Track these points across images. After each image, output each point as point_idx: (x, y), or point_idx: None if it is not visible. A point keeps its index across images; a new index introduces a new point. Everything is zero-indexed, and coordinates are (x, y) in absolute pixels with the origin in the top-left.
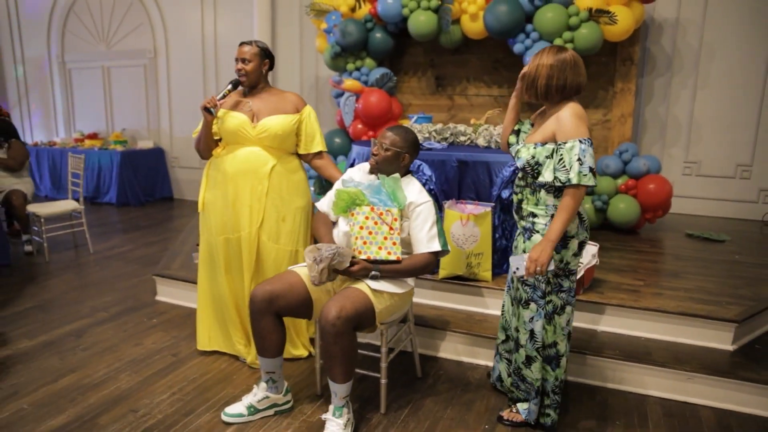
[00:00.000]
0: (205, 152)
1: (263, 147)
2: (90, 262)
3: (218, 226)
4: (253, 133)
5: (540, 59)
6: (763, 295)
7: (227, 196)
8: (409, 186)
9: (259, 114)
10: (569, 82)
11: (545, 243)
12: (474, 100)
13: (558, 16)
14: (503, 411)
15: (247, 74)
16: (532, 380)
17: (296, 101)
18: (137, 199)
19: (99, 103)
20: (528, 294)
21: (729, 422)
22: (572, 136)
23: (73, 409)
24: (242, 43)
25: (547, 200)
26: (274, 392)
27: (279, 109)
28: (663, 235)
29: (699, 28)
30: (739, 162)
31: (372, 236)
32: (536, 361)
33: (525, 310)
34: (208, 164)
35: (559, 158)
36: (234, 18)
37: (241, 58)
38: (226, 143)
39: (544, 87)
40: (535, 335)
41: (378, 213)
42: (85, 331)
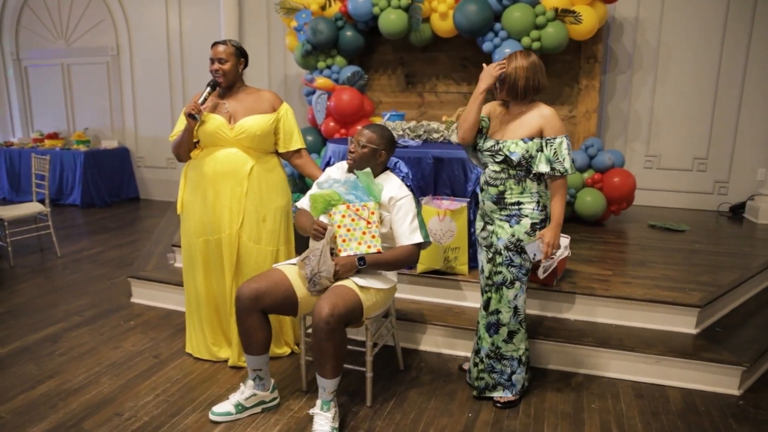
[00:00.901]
0: (184, 156)
1: (241, 148)
2: (58, 266)
3: (197, 228)
4: (231, 134)
5: (516, 62)
6: (721, 280)
7: (206, 197)
8: (388, 181)
9: (235, 115)
10: (541, 82)
11: (555, 227)
12: (443, 97)
13: (525, 16)
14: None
15: (224, 74)
16: (513, 353)
17: (273, 100)
18: (102, 200)
19: (59, 101)
20: (514, 274)
21: (694, 400)
22: (560, 133)
23: (55, 415)
24: (216, 43)
25: (533, 187)
26: (261, 390)
27: (256, 108)
28: (627, 226)
29: (657, 27)
30: (696, 155)
31: (350, 233)
32: (518, 333)
33: (509, 290)
34: (186, 166)
35: (553, 152)
36: (200, 15)
37: (218, 58)
38: (204, 145)
39: (523, 88)
40: (519, 310)
41: (354, 210)
42: (60, 336)
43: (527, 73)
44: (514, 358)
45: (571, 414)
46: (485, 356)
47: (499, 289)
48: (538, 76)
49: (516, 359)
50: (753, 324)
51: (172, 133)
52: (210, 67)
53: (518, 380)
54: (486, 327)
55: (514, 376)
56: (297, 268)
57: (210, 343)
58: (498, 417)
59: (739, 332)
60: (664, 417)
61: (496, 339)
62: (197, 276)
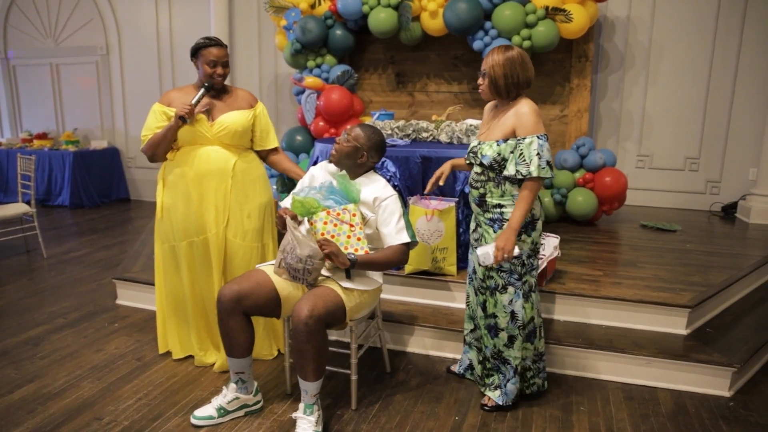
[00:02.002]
0: (160, 156)
1: (221, 145)
2: (44, 267)
3: (180, 230)
4: (211, 131)
5: (492, 60)
6: (712, 281)
7: (190, 198)
8: (373, 182)
9: (213, 112)
10: (521, 78)
11: (509, 232)
12: (434, 96)
13: (515, 14)
14: (483, 399)
15: (225, 78)
16: (513, 360)
17: (248, 98)
18: (92, 201)
19: (48, 101)
20: (504, 279)
21: (684, 402)
22: (531, 132)
23: (32, 420)
24: (215, 44)
25: (513, 191)
26: (244, 393)
27: (233, 105)
28: (619, 226)
29: (648, 26)
30: (688, 155)
31: (335, 239)
32: (518, 340)
33: (503, 295)
34: (162, 168)
35: (520, 153)
36: (190, 14)
37: (222, 62)
38: (182, 144)
39: (504, 86)
40: (516, 315)
41: (335, 214)
42: (42, 339)
43: (505, 69)
44: (512, 366)
45: (560, 417)
46: (491, 356)
47: (493, 294)
48: (518, 70)
49: (513, 368)
50: (744, 324)
51: (144, 132)
52: (209, 71)
53: (511, 390)
54: (487, 328)
55: (509, 384)
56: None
57: (197, 348)
58: (485, 420)
59: (729, 333)
60: (654, 419)
61: (497, 342)
62: (183, 278)
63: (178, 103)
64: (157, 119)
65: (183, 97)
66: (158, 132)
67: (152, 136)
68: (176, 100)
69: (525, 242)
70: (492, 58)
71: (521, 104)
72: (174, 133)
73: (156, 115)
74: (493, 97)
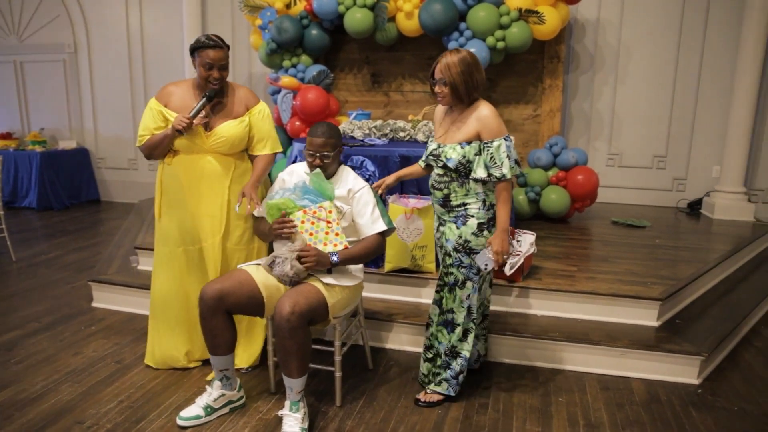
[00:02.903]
0: (158, 158)
1: (217, 154)
2: (13, 271)
3: (176, 237)
4: (208, 142)
5: (448, 67)
6: (681, 274)
7: (186, 206)
8: (343, 175)
9: (211, 121)
10: (478, 80)
11: (501, 234)
12: (409, 96)
13: (490, 16)
14: (419, 394)
15: (222, 82)
16: (466, 352)
17: (246, 99)
18: (61, 203)
19: (11, 100)
20: (464, 274)
21: (657, 391)
22: (497, 135)
23: (10, 426)
24: (213, 45)
25: (477, 188)
26: (229, 389)
27: (231, 112)
28: (591, 223)
29: (617, 28)
30: (656, 153)
31: (314, 237)
32: (471, 333)
33: (462, 290)
34: (160, 171)
35: (490, 156)
36: (161, 11)
37: (219, 65)
38: (177, 150)
39: (465, 92)
40: (472, 309)
41: (311, 212)
42: (16, 344)
43: (464, 76)
44: (464, 357)
45: (539, 408)
46: (444, 353)
47: (451, 290)
48: (474, 73)
49: (466, 359)
50: (710, 315)
51: (141, 131)
52: (204, 74)
53: (462, 380)
54: (443, 324)
55: (461, 375)
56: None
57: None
58: (467, 413)
59: (697, 324)
60: (628, 408)
61: (452, 338)
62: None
63: (176, 105)
64: (154, 119)
65: (180, 98)
66: (156, 135)
67: (150, 138)
68: (174, 100)
69: (485, 237)
70: (447, 65)
71: (481, 108)
72: (170, 142)
73: (153, 113)
74: (453, 103)
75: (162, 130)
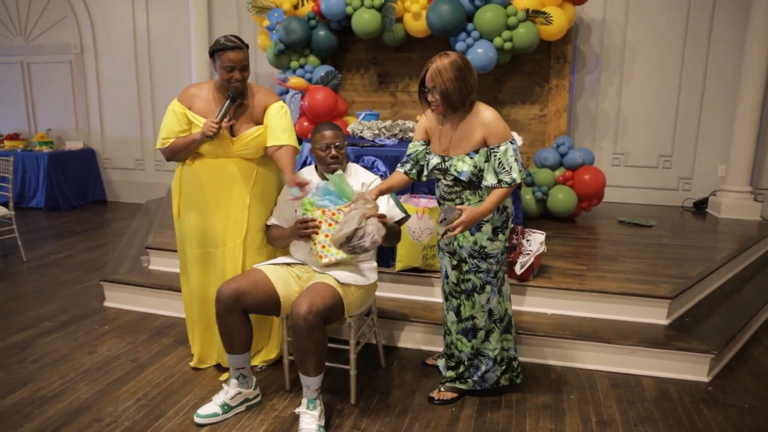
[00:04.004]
0: (180, 160)
1: (241, 158)
2: (24, 271)
3: (193, 239)
4: (233, 148)
5: (440, 73)
6: (689, 273)
7: (206, 208)
8: (353, 170)
9: (235, 126)
10: (472, 83)
11: (477, 216)
12: (416, 96)
13: (497, 16)
14: (433, 392)
15: (244, 82)
16: (490, 351)
17: (265, 100)
18: (68, 203)
19: (18, 101)
20: (482, 279)
21: (667, 388)
22: (503, 139)
23: (30, 424)
24: (233, 47)
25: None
26: (245, 387)
27: (253, 116)
28: (598, 222)
29: (622, 29)
30: (661, 153)
31: (329, 238)
32: (495, 332)
33: (481, 295)
34: (179, 171)
35: (498, 162)
36: (168, 12)
37: (240, 67)
38: (200, 155)
39: (459, 98)
40: (492, 312)
41: (330, 214)
42: (31, 343)
43: (458, 82)
44: (490, 357)
45: (552, 405)
46: (467, 359)
47: (470, 296)
48: (468, 77)
49: (492, 359)
50: (719, 314)
51: (164, 134)
52: (226, 76)
53: (490, 377)
54: (463, 332)
55: (488, 374)
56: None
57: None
58: (481, 410)
59: (706, 322)
60: (639, 405)
61: (475, 343)
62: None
63: (201, 108)
64: (179, 122)
65: (204, 102)
66: (181, 139)
67: (174, 141)
68: (198, 103)
69: (501, 241)
70: (438, 71)
71: (482, 112)
72: (198, 146)
73: (177, 116)
74: (447, 111)
75: (186, 132)
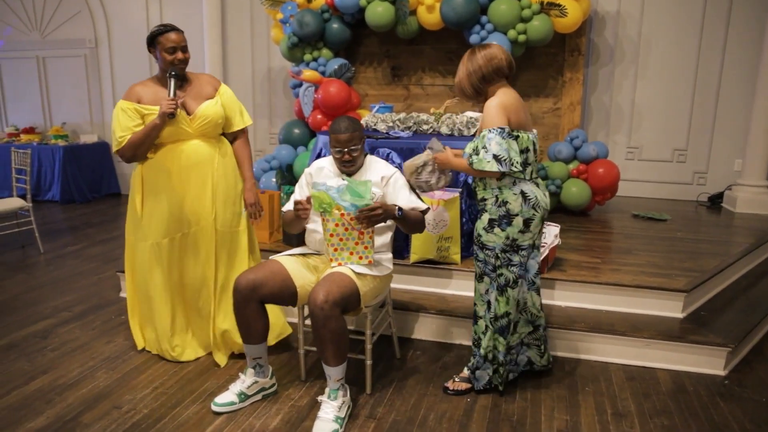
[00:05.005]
0: (141, 156)
1: (201, 138)
2: (42, 262)
3: (161, 227)
4: (194, 125)
5: (458, 68)
6: (704, 266)
7: (174, 195)
8: (372, 164)
9: (186, 105)
10: (485, 74)
11: (449, 160)
12: (429, 89)
13: (511, 9)
14: (447, 382)
15: (186, 64)
16: (482, 348)
17: (211, 80)
18: (83, 196)
19: (34, 95)
20: (480, 268)
21: (683, 381)
22: (487, 126)
23: (52, 410)
24: (171, 29)
25: (493, 183)
26: (262, 377)
27: (202, 94)
28: (612, 216)
29: (637, 21)
30: (676, 147)
31: (343, 242)
32: (489, 330)
33: (480, 284)
34: (140, 167)
35: (477, 145)
36: (181, 6)
37: (181, 47)
38: (161, 141)
39: (471, 91)
40: (491, 306)
41: (349, 218)
42: (50, 332)
43: (469, 76)
44: (481, 355)
45: (567, 397)
46: (473, 343)
47: (476, 281)
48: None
49: (482, 356)
50: (735, 307)
51: (119, 133)
52: (169, 57)
53: (481, 376)
54: (473, 316)
55: (478, 371)
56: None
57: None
58: (496, 402)
59: (722, 315)
60: (655, 397)
61: (477, 329)
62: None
63: (150, 99)
64: (131, 118)
65: (152, 92)
66: (138, 132)
67: (131, 137)
68: (146, 96)
69: (498, 235)
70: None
71: (492, 97)
72: (159, 132)
73: (128, 113)
74: (463, 99)
75: (140, 126)
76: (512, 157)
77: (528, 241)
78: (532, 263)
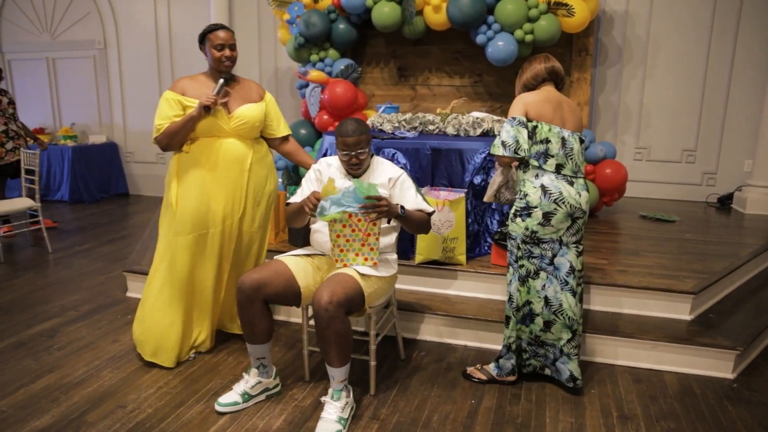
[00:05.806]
0: (176, 146)
1: (237, 137)
2: (50, 261)
3: (188, 223)
4: (230, 124)
5: None
6: (713, 268)
7: (204, 191)
8: (379, 165)
9: (229, 104)
10: (524, 80)
11: None
12: (436, 90)
13: (518, 9)
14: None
15: (234, 62)
16: (505, 338)
17: (257, 88)
18: (91, 196)
19: (44, 96)
20: (508, 259)
21: (690, 384)
22: (508, 116)
23: (57, 408)
24: (220, 27)
25: (521, 175)
26: (266, 377)
27: (246, 97)
28: (619, 217)
29: (646, 21)
30: (685, 147)
31: (349, 244)
32: (512, 320)
33: (507, 275)
34: (176, 161)
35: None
36: (189, 7)
37: (229, 44)
38: (197, 136)
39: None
40: (512, 297)
41: (355, 219)
42: (57, 331)
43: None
44: (505, 345)
45: (572, 399)
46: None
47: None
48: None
49: (506, 346)
50: (744, 310)
51: (158, 120)
52: (217, 54)
53: (503, 365)
54: None
55: (501, 359)
56: None
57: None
58: (500, 403)
59: (731, 318)
60: (662, 400)
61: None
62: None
63: (194, 93)
64: (172, 108)
65: (197, 86)
66: (176, 121)
67: (169, 125)
68: (191, 89)
69: (519, 225)
70: None
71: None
72: (195, 124)
73: (170, 103)
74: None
75: (179, 116)
76: (520, 143)
77: (550, 236)
78: (561, 261)
